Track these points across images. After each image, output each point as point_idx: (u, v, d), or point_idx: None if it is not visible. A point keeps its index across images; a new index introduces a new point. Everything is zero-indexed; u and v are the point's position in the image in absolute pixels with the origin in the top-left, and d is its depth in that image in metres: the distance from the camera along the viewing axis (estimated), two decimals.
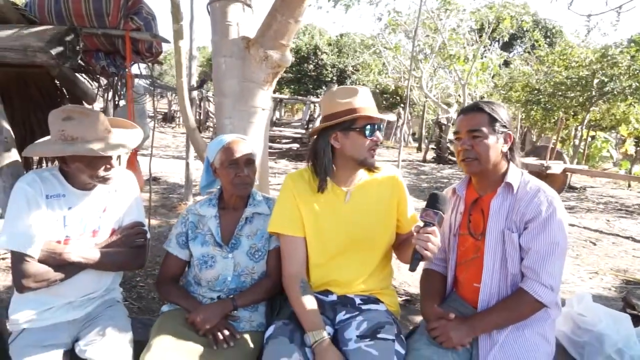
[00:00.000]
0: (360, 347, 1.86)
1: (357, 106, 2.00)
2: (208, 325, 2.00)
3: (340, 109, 2.01)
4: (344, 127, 2.01)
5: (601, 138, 16.14)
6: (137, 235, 2.21)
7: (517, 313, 1.91)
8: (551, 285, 1.85)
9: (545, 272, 1.85)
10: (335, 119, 2.00)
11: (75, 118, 1.97)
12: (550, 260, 1.86)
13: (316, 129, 2.11)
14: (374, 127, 2.02)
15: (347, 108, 2.00)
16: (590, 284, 5.10)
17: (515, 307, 1.90)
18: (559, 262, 1.88)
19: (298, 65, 29.63)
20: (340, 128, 2.01)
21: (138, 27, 2.85)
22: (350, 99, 2.01)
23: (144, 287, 4.24)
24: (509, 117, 2.02)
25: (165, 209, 7.17)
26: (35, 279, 1.94)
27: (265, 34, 2.62)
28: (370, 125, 2.01)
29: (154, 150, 6.62)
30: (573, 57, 14.26)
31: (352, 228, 2.10)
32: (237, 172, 2.13)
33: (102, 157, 1.99)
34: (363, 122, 2.00)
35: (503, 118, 1.97)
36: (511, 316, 1.91)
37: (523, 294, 1.89)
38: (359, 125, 2.00)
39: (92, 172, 2.02)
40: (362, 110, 2.00)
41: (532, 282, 1.87)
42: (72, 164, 2.00)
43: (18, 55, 2.32)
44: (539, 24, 31.98)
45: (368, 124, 2.00)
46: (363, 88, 2.07)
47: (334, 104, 2.04)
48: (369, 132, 2.00)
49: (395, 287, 4.52)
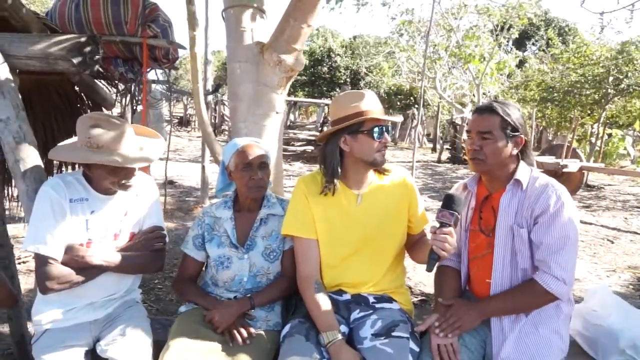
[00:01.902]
0: (375, 345, 1.89)
1: (364, 109, 2.03)
2: (225, 323, 2.04)
3: (347, 113, 2.04)
4: (352, 131, 2.03)
5: (618, 135, 15.93)
6: (157, 239, 2.26)
7: (526, 302, 1.93)
8: (563, 277, 1.86)
9: (557, 265, 1.87)
10: (343, 123, 2.03)
11: (103, 127, 2.02)
12: (562, 253, 1.87)
13: (325, 133, 2.13)
14: (382, 129, 2.04)
15: (354, 112, 2.02)
16: (608, 282, 5.06)
17: (525, 296, 1.93)
18: (570, 255, 1.89)
19: (312, 67, 29.66)
20: (348, 131, 2.03)
21: (155, 34, 2.91)
22: (357, 103, 2.03)
23: (162, 290, 4.30)
24: (523, 119, 2.01)
25: (182, 211, 7.25)
26: (58, 280, 1.98)
27: (278, 39, 2.66)
28: (378, 128, 2.02)
29: (170, 154, 6.70)
30: (588, 54, 14.12)
31: (364, 230, 2.12)
32: (251, 175, 2.16)
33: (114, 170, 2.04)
34: (371, 125, 2.02)
35: (516, 121, 1.97)
36: (519, 304, 1.94)
37: (534, 284, 1.91)
38: (366, 128, 2.02)
39: (113, 180, 2.08)
40: (369, 113, 2.02)
41: (544, 274, 1.89)
42: (95, 170, 2.05)
43: (40, 64, 2.39)
44: (552, 22, 31.69)
45: (376, 126, 2.02)
46: (369, 92, 2.09)
47: (341, 108, 2.07)
48: (377, 134, 2.02)
49: (410, 287, 4.54)
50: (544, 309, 1.97)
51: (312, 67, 29.64)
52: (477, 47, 14.29)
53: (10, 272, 2.79)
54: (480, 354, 2.01)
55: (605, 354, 2.27)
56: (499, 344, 1.94)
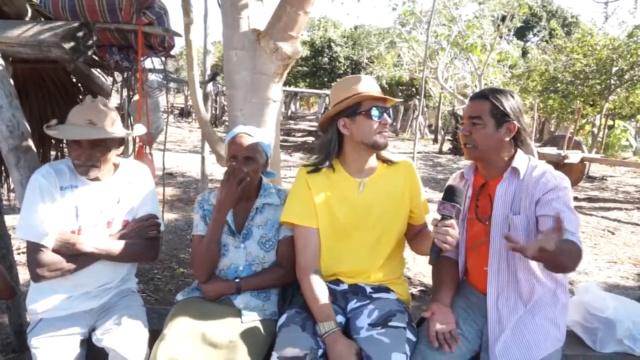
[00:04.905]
0: (372, 335, 1.88)
1: (363, 91, 2.02)
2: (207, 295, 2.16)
3: (345, 96, 2.03)
4: (350, 113, 2.02)
5: (620, 126, 15.88)
6: (151, 227, 2.24)
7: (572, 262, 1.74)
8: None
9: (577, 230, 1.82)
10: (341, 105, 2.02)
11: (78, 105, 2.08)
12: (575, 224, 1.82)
13: (323, 117, 2.12)
14: (381, 110, 2.03)
15: (351, 94, 2.02)
16: (608, 273, 5.05)
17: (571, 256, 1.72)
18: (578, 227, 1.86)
19: (313, 58, 29.63)
20: (346, 114, 2.02)
21: (150, 22, 2.87)
22: (355, 85, 2.03)
23: (161, 280, 4.30)
24: (519, 106, 1.99)
25: (182, 202, 7.24)
26: (49, 268, 1.98)
27: (275, 26, 2.63)
28: (377, 108, 2.01)
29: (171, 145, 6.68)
30: (592, 44, 14.04)
31: (365, 218, 2.11)
32: (235, 168, 2.11)
33: (76, 145, 2.03)
34: (368, 105, 2.01)
35: (507, 107, 1.95)
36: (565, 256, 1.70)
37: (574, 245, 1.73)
38: (364, 109, 2.01)
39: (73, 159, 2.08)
40: (367, 94, 2.01)
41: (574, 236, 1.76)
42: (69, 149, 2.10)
43: (33, 51, 2.36)
44: (555, 14, 31.54)
45: (374, 107, 2.00)
46: (366, 76, 2.09)
47: (339, 92, 2.07)
48: (376, 114, 2.01)
49: (410, 278, 4.53)
50: (541, 297, 1.95)
51: (312, 57, 29.59)
52: (479, 38, 14.19)
53: (8, 262, 2.78)
54: (477, 343, 2.00)
55: (602, 344, 2.30)
56: (496, 333, 1.93)
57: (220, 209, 2.11)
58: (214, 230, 2.13)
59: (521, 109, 2.00)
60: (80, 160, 2.05)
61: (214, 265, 2.19)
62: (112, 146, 2.13)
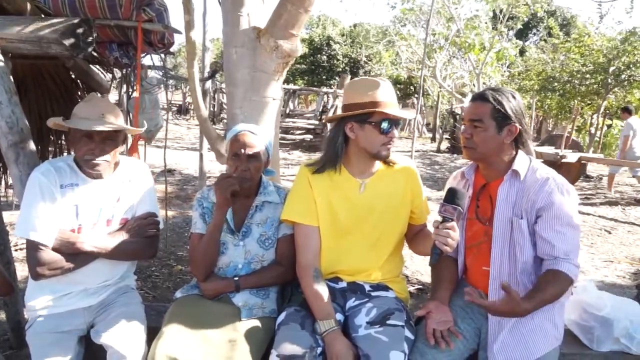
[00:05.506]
0: (370, 333, 1.89)
1: (378, 100, 1.97)
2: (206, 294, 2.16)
3: (360, 100, 1.98)
4: (359, 119, 1.98)
5: (618, 126, 15.89)
6: (150, 226, 2.24)
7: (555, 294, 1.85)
8: (577, 263, 1.89)
9: (573, 253, 1.88)
10: (355, 110, 1.99)
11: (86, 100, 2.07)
12: (574, 240, 1.89)
13: (334, 117, 2.12)
14: (391, 123, 1.99)
15: (367, 100, 1.97)
16: (605, 272, 5.07)
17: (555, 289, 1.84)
18: (578, 240, 1.93)
19: (311, 56, 29.62)
20: (356, 119, 1.99)
21: (150, 19, 2.86)
22: (373, 92, 1.97)
23: (159, 277, 4.30)
24: (520, 107, 1.97)
25: (180, 199, 7.24)
26: (49, 266, 1.98)
27: (275, 24, 2.63)
28: (388, 122, 1.97)
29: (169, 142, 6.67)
30: (589, 43, 14.06)
31: (366, 218, 2.11)
32: (237, 165, 2.12)
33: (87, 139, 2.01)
34: (380, 117, 1.96)
35: (509, 109, 1.92)
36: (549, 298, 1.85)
37: (559, 274, 1.84)
38: (375, 120, 1.97)
39: (78, 154, 2.07)
40: (382, 105, 1.96)
41: (566, 262, 1.85)
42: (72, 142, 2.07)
43: (33, 47, 2.35)
44: (554, 13, 31.55)
45: (385, 120, 1.97)
46: (386, 82, 2.03)
47: (355, 94, 2.02)
48: (385, 128, 1.97)
49: (407, 276, 4.54)
50: None
51: (311, 55, 29.56)
52: (477, 37, 14.19)
53: (6, 259, 2.78)
54: (475, 341, 2.01)
55: (599, 342, 2.31)
56: (495, 332, 1.94)
57: (217, 210, 2.11)
58: (213, 230, 2.13)
59: (523, 110, 1.98)
60: (92, 155, 2.03)
61: (213, 263, 2.18)
62: (119, 141, 2.14)
